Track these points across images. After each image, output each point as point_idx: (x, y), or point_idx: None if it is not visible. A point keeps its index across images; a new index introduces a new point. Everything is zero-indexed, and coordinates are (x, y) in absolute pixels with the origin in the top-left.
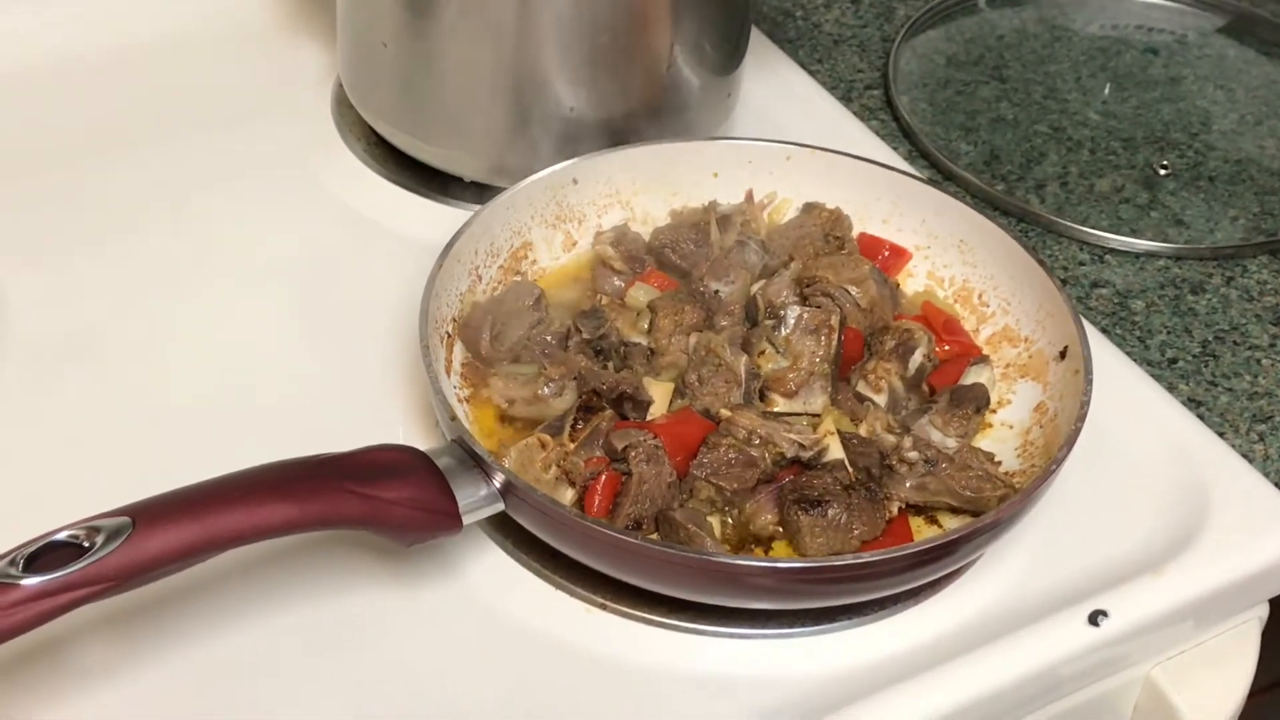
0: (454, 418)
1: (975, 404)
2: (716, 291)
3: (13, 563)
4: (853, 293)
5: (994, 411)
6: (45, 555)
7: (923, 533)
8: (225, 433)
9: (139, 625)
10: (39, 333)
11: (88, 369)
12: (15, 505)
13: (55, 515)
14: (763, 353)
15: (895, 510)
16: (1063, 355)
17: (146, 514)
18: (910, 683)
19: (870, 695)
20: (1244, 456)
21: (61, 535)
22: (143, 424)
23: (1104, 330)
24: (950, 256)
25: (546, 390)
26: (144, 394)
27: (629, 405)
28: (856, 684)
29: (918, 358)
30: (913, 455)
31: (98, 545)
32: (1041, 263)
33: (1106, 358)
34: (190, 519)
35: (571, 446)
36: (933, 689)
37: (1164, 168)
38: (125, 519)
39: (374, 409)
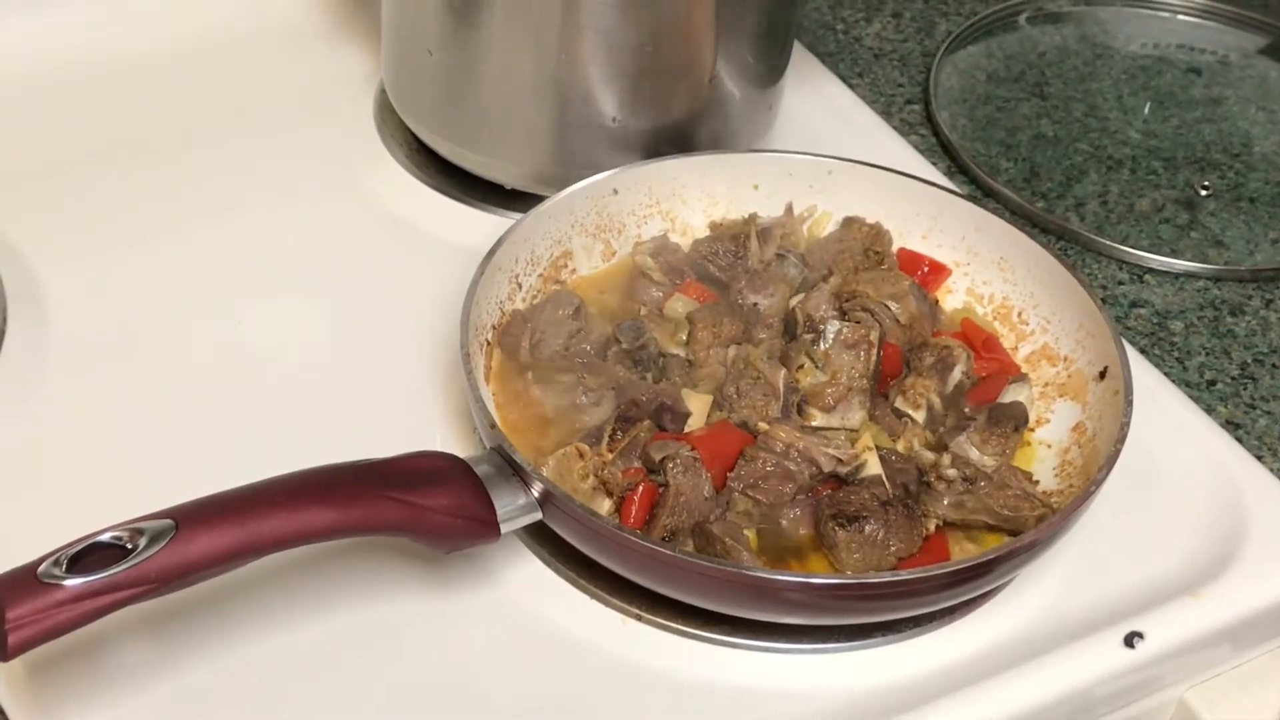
0: (494, 425)
1: (1014, 422)
2: (755, 304)
3: (57, 563)
4: (892, 308)
5: (1032, 430)
6: (89, 556)
7: (960, 551)
8: (264, 436)
9: (178, 628)
10: (78, 333)
11: (127, 370)
12: (55, 506)
13: (95, 516)
14: (801, 367)
15: (932, 527)
16: (1102, 375)
17: (189, 517)
18: (944, 701)
19: (905, 713)
20: None
21: (105, 536)
22: (181, 427)
23: (1142, 350)
24: (990, 274)
25: (584, 399)
26: (183, 397)
27: (667, 416)
28: (891, 701)
29: (956, 375)
30: (951, 473)
31: (141, 547)
32: (1082, 282)
33: (1145, 378)
34: (232, 522)
35: (609, 456)
36: (967, 708)
37: (1204, 188)
38: (168, 521)
39: (412, 414)
